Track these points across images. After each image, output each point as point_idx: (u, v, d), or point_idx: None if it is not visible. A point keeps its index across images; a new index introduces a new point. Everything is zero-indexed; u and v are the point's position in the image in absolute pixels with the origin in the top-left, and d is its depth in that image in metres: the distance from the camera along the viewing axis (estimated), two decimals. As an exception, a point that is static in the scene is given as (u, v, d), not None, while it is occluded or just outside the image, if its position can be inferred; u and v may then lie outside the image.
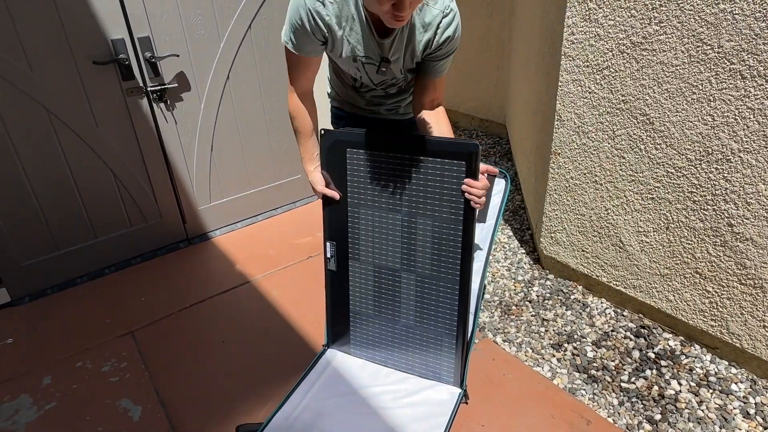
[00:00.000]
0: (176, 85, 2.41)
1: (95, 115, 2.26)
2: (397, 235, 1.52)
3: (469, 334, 1.55)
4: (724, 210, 1.68)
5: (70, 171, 2.28)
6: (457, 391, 1.58)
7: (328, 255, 1.65)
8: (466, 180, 1.37)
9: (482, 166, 1.39)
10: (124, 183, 2.43)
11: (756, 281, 1.67)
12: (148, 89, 2.34)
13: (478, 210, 1.42)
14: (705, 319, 1.85)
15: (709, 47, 1.56)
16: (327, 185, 1.55)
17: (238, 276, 2.45)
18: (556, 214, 2.23)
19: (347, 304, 1.67)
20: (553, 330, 2.04)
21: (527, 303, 2.20)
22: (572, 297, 2.21)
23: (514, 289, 2.29)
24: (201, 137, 2.58)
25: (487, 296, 2.25)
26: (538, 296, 2.23)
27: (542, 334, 2.02)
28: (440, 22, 1.29)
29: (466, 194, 1.38)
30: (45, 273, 2.36)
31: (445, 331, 1.55)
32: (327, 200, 1.58)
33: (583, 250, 2.19)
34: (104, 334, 2.11)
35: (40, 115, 2.13)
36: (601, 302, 2.17)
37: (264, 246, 2.69)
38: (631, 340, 1.96)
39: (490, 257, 1.60)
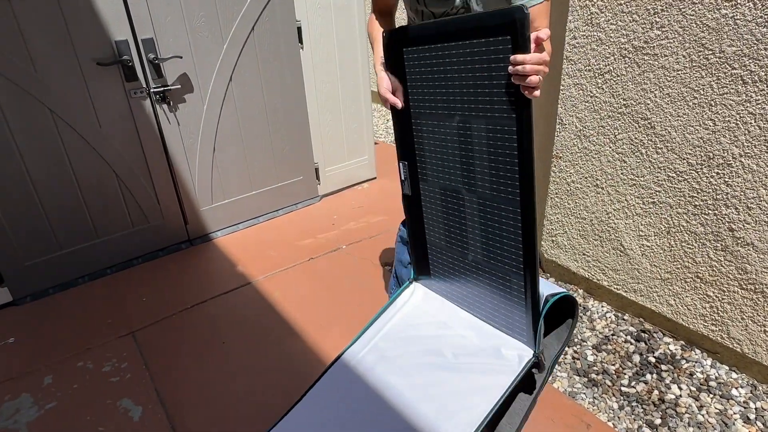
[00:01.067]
0: (179, 86, 2.42)
1: (98, 116, 2.27)
2: (456, 147, 1.30)
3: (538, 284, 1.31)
4: (725, 215, 1.68)
5: (73, 171, 2.29)
6: (529, 353, 1.32)
7: (402, 177, 1.49)
8: (512, 57, 1.05)
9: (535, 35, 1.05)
10: (126, 184, 2.44)
11: (757, 286, 1.67)
12: (151, 90, 2.35)
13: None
14: (706, 324, 1.85)
15: (710, 52, 1.56)
16: (393, 91, 1.39)
17: (240, 277, 2.46)
18: (557, 218, 2.23)
19: (423, 233, 1.50)
20: (554, 333, 2.04)
21: (528, 306, 2.20)
22: (573, 300, 2.21)
23: (515, 293, 2.28)
24: (203, 138, 2.59)
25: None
26: (538, 299, 2.23)
27: (543, 337, 2.02)
28: None
29: (514, 77, 1.07)
30: (47, 273, 2.36)
31: (512, 269, 1.31)
32: (394, 111, 1.44)
33: (584, 254, 2.19)
34: (105, 334, 2.11)
35: (43, 116, 2.14)
36: (602, 306, 2.17)
37: (265, 247, 2.70)
38: (631, 344, 1.96)
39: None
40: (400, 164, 1.49)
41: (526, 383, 1.39)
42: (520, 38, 1.02)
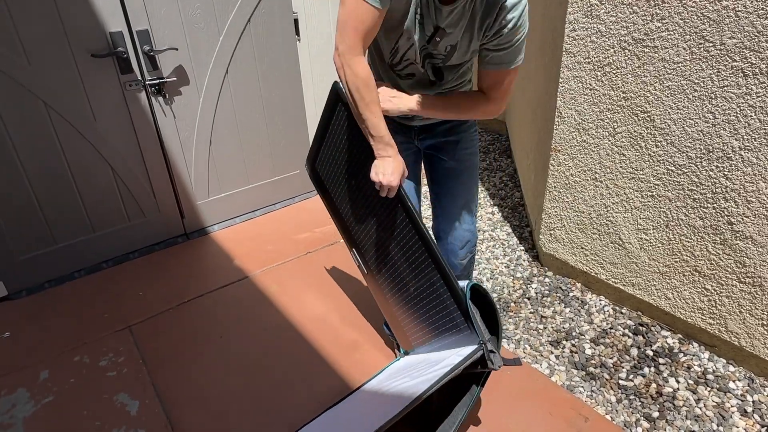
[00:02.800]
0: (175, 78, 2.39)
1: (93, 109, 2.24)
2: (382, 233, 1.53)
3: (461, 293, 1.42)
4: (724, 208, 1.68)
5: (68, 165, 2.26)
6: (473, 347, 1.37)
7: (356, 264, 1.70)
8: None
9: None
10: (122, 177, 2.42)
11: (755, 279, 1.67)
12: (147, 83, 2.32)
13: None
14: (703, 317, 1.85)
15: (711, 44, 1.55)
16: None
17: (237, 271, 2.44)
18: (556, 211, 2.23)
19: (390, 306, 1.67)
20: (552, 327, 2.04)
21: (526, 300, 2.20)
22: (571, 294, 2.21)
23: (513, 286, 2.28)
24: (199, 131, 2.57)
25: (485, 293, 2.25)
26: (536, 293, 2.23)
27: (541, 331, 2.02)
28: (504, 2, 1.21)
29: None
30: (42, 267, 2.35)
31: (432, 278, 1.45)
32: (332, 205, 1.64)
33: (582, 248, 2.19)
34: (102, 328, 2.10)
35: (37, 109, 2.12)
36: (600, 299, 2.17)
37: (262, 241, 2.68)
38: (629, 337, 1.96)
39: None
40: (351, 252, 1.69)
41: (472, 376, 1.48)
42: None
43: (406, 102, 1.41)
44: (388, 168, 1.34)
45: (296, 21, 2.67)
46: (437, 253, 1.39)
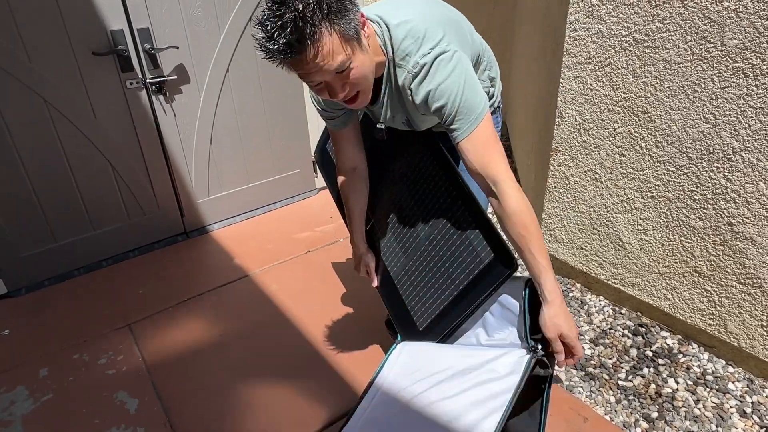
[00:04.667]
0: (175, 77, 2.39)
1: (93, 107, 2.24)
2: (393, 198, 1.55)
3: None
4: (725, 209, 1.68)
5: (68, 162, 2.26)
6: (523, 352, 1.23)
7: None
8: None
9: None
10: (122, 175, 2.42)
11: (755, 280, 1.67)
12: (147, 81, 2.32)
13: None
14: (703, 318, 1.85)
15: (712, 45, 1.55)
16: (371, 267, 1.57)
17: (237, 270, 2.44)
18: (556, 212, 2.23)
19: (396, 290, 1.56)
20: (551, 327, 2.04)
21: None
22: (570, 294, 2.21)
23: (513, 286, 2.28)
24: (200, 130, 2.57)
25: (485, 293, 2.25)
26: (536, 293, 2.23)
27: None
28: (410, 84, 1.12)
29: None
30: (42, 265, 2.35)
31: (481, 263, 1.32)
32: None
33: (582, 248, 2.19)
34: (101, 326, 2.10)
35: (38, 106, 2.12)
36: (600, 300, 2.17)
37: (262, 240, 2.68)
38: (628, 338, 1.96)
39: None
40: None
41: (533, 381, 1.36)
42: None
43: None
44: (353, 257, 1.58)
45: (297, 20, 2.66)
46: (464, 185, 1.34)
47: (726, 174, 1.64)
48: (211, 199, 2.75)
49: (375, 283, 1.56)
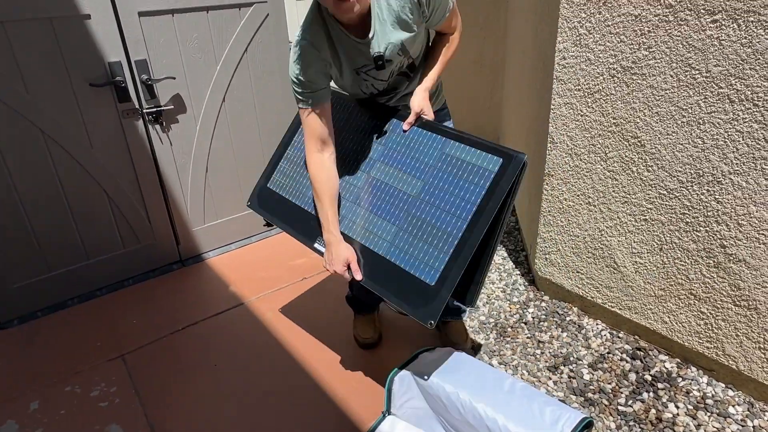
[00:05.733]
0: (172, 107, 2.42)
1: (90, 137, 2.26)
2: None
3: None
4: (717, 231, 1.69)
5: (64, 192, 2.27)
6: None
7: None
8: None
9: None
10: (117, 204, 2.42)
11: (750, 302, 1.68)
12: (144, 111, 2.35)
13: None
14: (700, 341, 1.85)
15: (697, 72, 1.59)
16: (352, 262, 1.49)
17: (232, 298, 2.43)
18: (551, 236, 2.24)
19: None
20: (549, 352, 2.02)
21: (523, 325, 2.19)
22: (568, 319, 2.21)
23: (510, 311, 2.28)
24: (196, 158, 2.58)
25: (482, 318, 2.24)
26: (533, 318, 2.22)
27: (538, 356, 2.01)
28: None
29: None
30: (35, 295, 2.33)
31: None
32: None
33: (577, 272, 2.19)
34: (94, 357, 2.07)
35: (34, 136, 2.13)
36: (597, 324, 2.16)
37: (258, 267, 2.68)
38: (627, 362, 1.95)
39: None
40: (318, 243, 1.65)
41: None
42: None
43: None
44: (328, 257, 1.52)
45: (292, 50, 2.72)
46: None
47: (716, 197, 1.66)
48: (207, 227, 2.75)
49: (359, 276, 1.48)
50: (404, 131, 1.54)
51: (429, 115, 1.51)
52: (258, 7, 2.52)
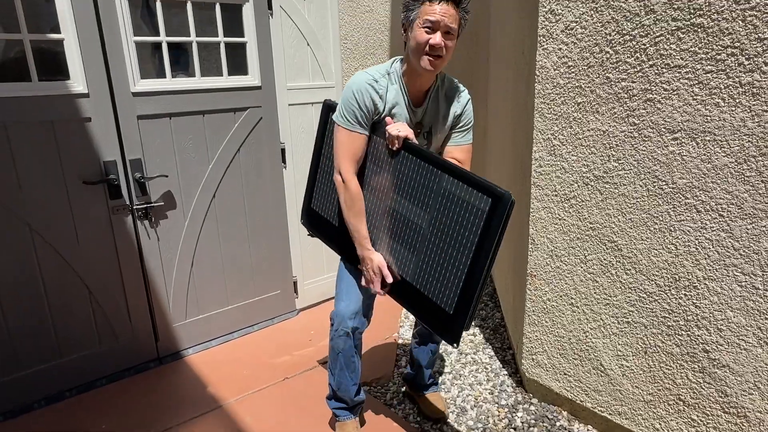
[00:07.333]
0: (162, 203, 2.47)
1: (78, 232, 2.27)
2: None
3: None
4: (698, 336, 1.71)
5: (44, 287, 2.23)
6: None
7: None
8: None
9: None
10: (98, 300, 2.38)
11: (739, 410, 1.65)
12: (134, 207, 2.39)
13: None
14: (694, 450, 1.79)
15: (664, 183, 1.70)
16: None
17: (210, 400, 2.32)
18: (536, 336, 2.23)
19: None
20: (540, 462, 1.93)
21: (512, 430, 2.11)
22: (557, 424, 2.14)
23: (498, 415, 2.20)
24: (182, 253, 2.59)
25: (470, 423, 2.16)
26: (522, 422, 2.15)
27: (529, 466, 1.92)
28: (460, 90, 1.76)
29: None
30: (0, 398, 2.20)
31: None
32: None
33: (565, 374, 2.16)
34: (55, 469, 1.92)
35: (21, 231, 2.14)
36: (588, 429, 2.10)
37: (239, 366, 2.59)
38: (621, 473, 1.87)
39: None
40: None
41: None
42: None
43: None
44: (367, 264, 1.72)
45: (283, 150, 2.84)
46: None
47: (694, 301, 1.70)
48: (188, 323, 2.69)
49: (390, 279, 1.69)
50: (395, 150, 1.66)
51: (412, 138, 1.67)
52: (252, 111, 2.67)
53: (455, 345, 1.57)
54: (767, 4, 1.39)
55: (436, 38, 1.53)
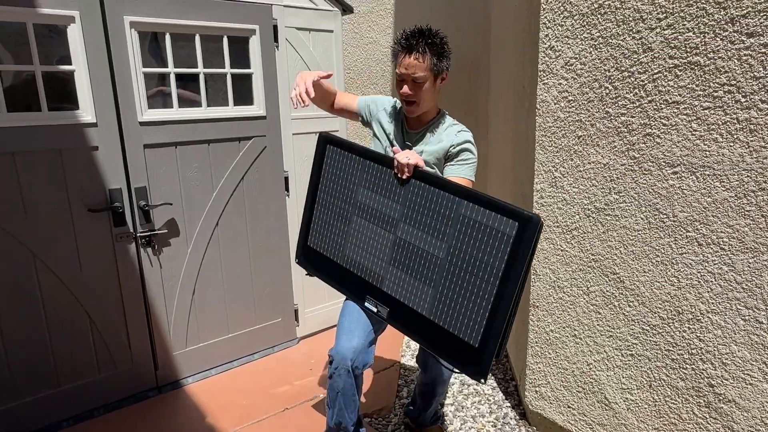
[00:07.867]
0: (166, 231, 2.48)
1: (81, 260, 2.27)
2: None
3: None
4: (703, 370, 1.70)
5: (45, 316, 2.22)
6: None
7: (375, 310, 1.74)
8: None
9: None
10: (99, 328, 2.37)
11: (746, 447, 1.63)
12: (138, 235, 2.40)
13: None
14: (702, 488, 1.76)
15: (665, 216, 1.71)
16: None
17: (208, 431, 2.28)
18: (539, 367, 2.21)
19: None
20: (545, 499, 1.89)
21: (515, 465, 2.07)
22: (562, 458, 2.10)
23: (501, 449, 2.17)
24: (184, 281, 2.59)
25: (472, 457, 2.12)
26: (526, 457, 2.11)
27: (533, 503, 1.88)
28: (458, 130, 1.81)
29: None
30: (-4, 427, 2.17)
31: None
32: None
33: (568, 407, 2.14)
34: (50, 503, 1.88)
35: (24, 259, 2.14)
36: (593, 465, 2.06)
37: (238, 395, 2.56)
38: None
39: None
40: (368, 301, 1.76)
41: None
42: None
43: None
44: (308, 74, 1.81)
45: (286, 179, 2.87)
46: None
47: (698, 335, 1.69)
48: (188, 351, 2.67)
49: (312, 93, 1.73)
50: (405, 177, 1.63)
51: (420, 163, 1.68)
52: (257, 140, 2.71)
53: (483, 381, 1.49)
54: (762, 45, 1.43)
55: (405, 89, 1.72)
